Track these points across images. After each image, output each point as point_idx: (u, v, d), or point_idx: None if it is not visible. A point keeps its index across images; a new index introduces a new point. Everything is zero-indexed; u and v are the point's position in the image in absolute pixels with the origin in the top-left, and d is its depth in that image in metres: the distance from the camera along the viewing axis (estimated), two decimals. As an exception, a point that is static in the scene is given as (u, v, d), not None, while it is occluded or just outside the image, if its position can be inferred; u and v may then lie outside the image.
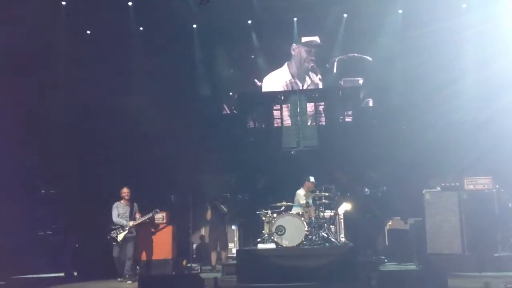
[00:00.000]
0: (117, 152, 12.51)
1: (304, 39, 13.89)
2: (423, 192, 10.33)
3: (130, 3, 12.81)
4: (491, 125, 11.87)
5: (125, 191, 10.00)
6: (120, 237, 9.67)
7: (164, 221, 10.90)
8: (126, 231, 9.72)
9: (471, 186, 10.14)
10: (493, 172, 10.39)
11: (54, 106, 12.34)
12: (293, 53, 13.99)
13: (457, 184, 10.29)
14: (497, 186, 10.08)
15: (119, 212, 9.85)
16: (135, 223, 9.83)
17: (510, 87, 11.55)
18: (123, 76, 12.97)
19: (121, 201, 9.96)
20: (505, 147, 11.10)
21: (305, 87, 13.80)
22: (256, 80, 13.91)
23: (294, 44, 13.92)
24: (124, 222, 9.75)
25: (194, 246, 12.69)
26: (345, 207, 10.75)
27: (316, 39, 13.91)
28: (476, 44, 12.38)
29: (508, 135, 11.36)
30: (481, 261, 9.50)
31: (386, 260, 11.05)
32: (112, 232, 9.71)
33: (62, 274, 10.73)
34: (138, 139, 12.98)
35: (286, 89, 13.75)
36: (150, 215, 10.06)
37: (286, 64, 14.05)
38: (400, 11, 13.10)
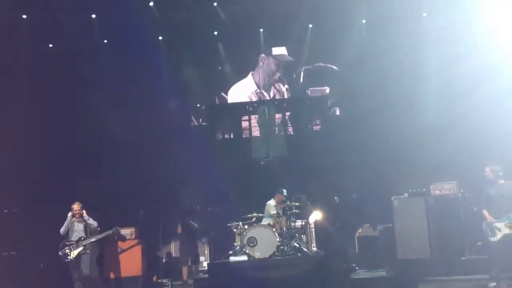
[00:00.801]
0: (83, 167, 12.23)
1: (275, 52, 13.92)
2: (392, 199, 10.47)
3: (93, 16, 12.61)
4: (456, 129, 12.10)
5: (74, 207, 9.50)
6: (73, 254, 9.20)
7: (133, 236, 10.72)
8: (81, 248, 9.27)
9: (437, 192, 10.38)
10: (459, 176, 10.64)
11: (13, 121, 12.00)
12: (261, 63, 14.02)
13: (424, 190, 10.50)
14: (462, 191, 10.32)
15: (70, 228, 9.40)
16: (89, 241, 9.38)
17: (473, 90, 11.78)
18: (88, 89, 12.74)
19: (74, 218, 9.48)
20: (469, 151, 11.35)
21: (271, 97, 13.86)
22: (223, 94, 13.88)
23: (263, 55, 13.96)
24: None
25: (164, 261, 12.49)
26: (316, 216, 10.78)
27: (285, 52, 13.97)
28: (439, 48, 12.66)
29: (472, 139, 11.62)
30: (449, 265, 9.69)
31: (357, 268, 11.09)
32: (65, 248, 9.26)
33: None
34: (104, 153, 12.75)
35: (252, 99, 13.77)
36: (108, 232, 9.62)
37: (250, 74, 14.06)
38: (364, 21, 13.32)
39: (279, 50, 13.94)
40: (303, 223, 10.14)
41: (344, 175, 12.46)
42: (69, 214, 9.42)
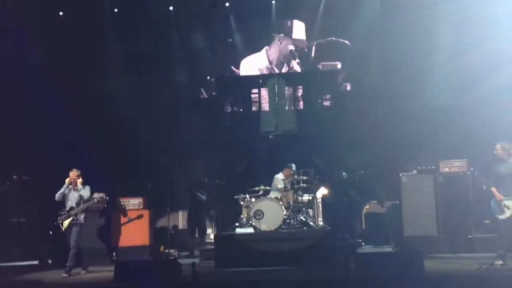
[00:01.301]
0: (93, 137, 12.28)
1: (295, 35, 13.67)
2: (400, 175, 10.42)
3: (104, -15, 12.53)
4: (468, 112, 12.00)
5: (70, 174, 9.10)
6: (65, 224, 8.94)
7: (141, 206, 10.80)
8: (72, 218, 8.95)
9: (447, 169, 10.29)
10: (469, 156, 10.53)
11: (27, 90, 12.02)
12: (278, 42, 13.82)
13: (433, 167, 10.42)
14: (471, 169, 10.22)
15: (66, 196, 9.08)
16: (79, 209, 9.00)
17: (487, 74, 11.65)
18: (98, 60, 12.70)
19: (71, 186, 9.11)
20: (480, 132, 11.21)
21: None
22: (233, 68, 13.76)
23: (282, 34, 13.77)
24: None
25: (172, 231, 12.61)
26: (323, 191, 10.77)
27: (304, 35, 13.74)
28: (455, 32, 12.42)
29: (483, 121, 11.49)
30: (455, 243, 9.67)
31: (363, 243, 11.15)
32: (58, 218, 9.04)
33: (36, 262, 10.52)
34: (114, 124, 12.78)
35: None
36: (93, 201, 9.17)
37: (265, 49, 13.90)
38: (378, -4, 13.08)
39: (299, 34, 13.71)
40: (310, 197, 10.14)
41: (353, 151, 12.39)
42: (66, 180, 9.09)
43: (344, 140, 12.44)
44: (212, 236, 11.50)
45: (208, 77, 13.62)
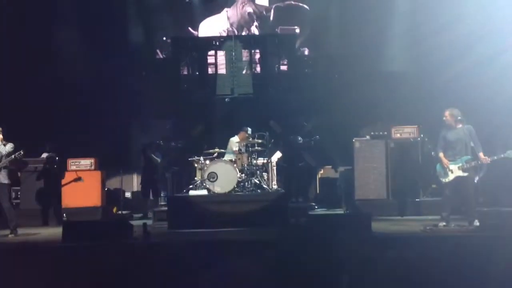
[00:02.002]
0: (46, 97, 11.88)
1: (259, 1, 13.46)
2: (353, 140, 10.59)
3: None
4: (423, 78, 12.21)
5: None
6: None
7: (93, 167, 10.60)
8: None
9: (398, 135, 10.51)
10: (421, 121, 10.78)
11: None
12: (240, 5, 13.55)
13: (385, 133, 10.63)
14: (421, 135, 10.49)
15: None
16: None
17: (445, 40, 11.80)
18: (46, 20, 12.16)
19: None
20: (432, 98, 11.46)
21: (243, 35, 13.55)
22: (190, 29, 13.46)
23: None
24: None
25: (127, 194, 12.50)
26: (278, 155, 10.85)
27: (267, 2, 13.52)
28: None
29: (436, 86, 11.73)
30: (403, 206, 9.98)
31: (316, 207, 11.36)
32: None
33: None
34: (67, 84, 12.37)
35: (222, 36, 13.43)
36: (11, 157, 8.45)
37: (225, 10, 13.63)
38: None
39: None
40: (265, 161, 10.20)
41: (308, 116, 12.49)
42: None
43: (300, 104, 12.49)
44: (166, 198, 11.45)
45: (164, 38, 13.31)
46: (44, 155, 10.58)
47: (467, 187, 8.00)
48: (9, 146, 8.49)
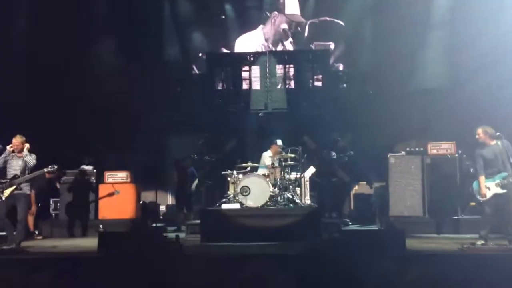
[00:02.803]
0: (85, 112, 12.24)
1: (288, 10, 13.60)
2: (388, 156, 10.44)
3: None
4: (458, 93, 12.01)
5: (14, 141, 8.29)
6: (6, 193, 8.16)
7: (129, 180, 10.80)
8: (14, 187, 8.18)
9: (435, 151, 10.31)
10: (458, 138, 10.56)
11: (10, 64, 11.86)
12: (272, 20, 13.74)
13: (421, 149, 10.45)
14: (459, 152, 10.26)
15: (8, 164, 8.28)
16: (25, 179, 8.27)
17: (478, 55, 11.61)
18: (87, 34, 12.57)
19: (14, 154, 8.35)
20: (469, 115, 11.23)
21: (276, 51, 13.66)
22: (224, 49, 13.68)
23: (276, 12, 13.67)
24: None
25: (162, 207, 12.67)
26: (311, 170, 10.81)
27: (297, 11, 13.65)
28: (449, 15, 12.38)
29: (473, 103, 11.49)
30: (440, 224, 9.73)
31: (350, 223, 11.21)
32: None
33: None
34: (106, 99, 12.70)
35: (259, 52, 13.58)
36: (42, 171, 8.49)
37: (260, 27, 13.80)
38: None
39: (292, 9, 13.60)
40: (298, 175, 10.17)
41: (342, 131, 12.42)
42: (8, 147, 8.32)
43: (334, 120, 12.44)
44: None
45: (200, 54, 13.54)
46: (83, 167, 10.87)
47: (506, 204, 7.75)
48: (34, 158, 8.41)
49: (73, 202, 10.51)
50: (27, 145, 8.37)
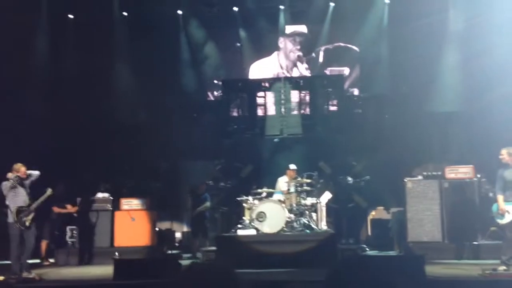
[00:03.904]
0: (98, 140, 12.37)
1: (288, 30, 13.79)
2: (405, 180, 10.33)
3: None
4: (476, 118, 11.91)
5: (22, 170, 8.26)
6: (28, 220, 8.17)
7: (145, 207, 10.82)
8: (33, 214, 8.21)
9: (453, 175, 10.16)
10: (477, 163, 10.41)
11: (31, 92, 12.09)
12: (281, 46, 13.91)
13: (439, 173, 10.31)
14: (478, 176, 10.10)
15: (16, 192, 8.23)
16: (37, 204, 8.31)
17: (496, 81, 11.56)
18: (105, 62, 12.82)
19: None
20: (488, 138, 11.10)
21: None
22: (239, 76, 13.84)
23: (281, 38, 13.84)
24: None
25: (177, 234, 12.63)
26: (328, 195, 10.72)
27: (301, 28, 13.83)
28: (464, 38, 12.38)
29: (491, 128, 11.36)
30: (460, 249, 9.53)
31: (367, 249, 11.03)
32: (21, 215, 8.13)
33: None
34: (121, 125, 12.85)
35: (274, 78, 13.68)
36: (47, 194, 8.51)
37: (275, 53, 13.96)
38: (387, 1, 13.06)
39: (293, 28, 13.77)
40: (314, 201, 10.09)
41: (359, 156, 12.35)
42: (10, 175, 8.24)
43: (350, 145, 12.39)
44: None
45: (215, 81, 13.69)
46: (99, 194, 10.93)
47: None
48: (35, 175, 8.46)
49: (84, 230, 10.52)
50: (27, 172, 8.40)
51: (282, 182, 10.47)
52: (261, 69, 13.83)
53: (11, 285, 7.46)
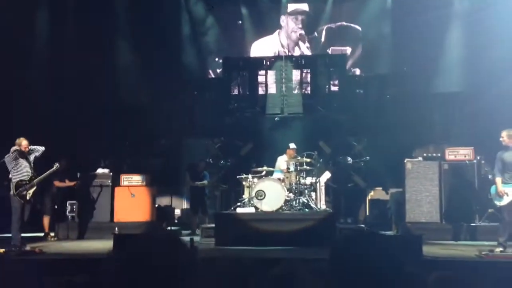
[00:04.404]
0: (99, 116, 12.34)
1: (290, 8, 13.64)
2: (405, 161, 10.34)
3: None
4: (477, 97, 11.85)
5: (24, 144, 8.29)
6: (29, 193, 8.28)
7: (144, 183, 10.85)
8: (35, 187, 8.34)
9: (452, 157, 10.16)
10: (476, 144, 10.41)
11: (33, 70, 12.02)
12: (282, 24, 13.78)
13: (439, 154, 10.32)
14: (478, 157, 10.10)
15: (18, 166, 8.30)
16: (40, 179, 8.48)
17: (499, 63, 11.45)
18: (106, 39, 12.70)
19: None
20: (489, 120, 11.07)
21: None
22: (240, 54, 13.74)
23: (283, 16, 13.71)
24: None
25: (177, 211, 12.70)
26: (327, 175, 10.74)
27: (303, 6, 13.68)
28: (468, 18, 12.26)
29: (493, 109, 11.32)
30: (458, 230, 9.59)
31: (365, 228, 11.09)
32: (21, 189, 8.22)
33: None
34: (122, 103, 12.81)
35: (274, 57, 13.59)
36: (53, 169, 8.76)
37: (277, 32, 13.84)
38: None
39: (295, 6, 13.63)
40: (314, 180, 10.11)
41: (359, 136, 12.34)
42: (13, 149, 8.30)
43: (350, 125, 12.37)
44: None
45: (216, 59, 13.61)
46: (100, 170, 10.96)
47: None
48: (40, 149, 8.57)
49: (84, 205, 10.59)
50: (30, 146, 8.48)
51: (282, 161, 10.48)
52: (262, 47, 13.74)
53: (11, 258, 7.53)
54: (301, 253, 7.86)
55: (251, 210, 9.39)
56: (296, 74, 12.75)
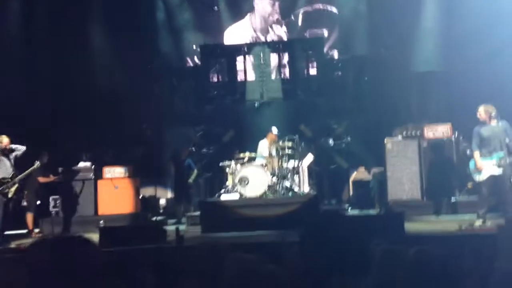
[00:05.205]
0: (78, 107, 12.21)
1: None
2: (384, 141, 10.47)
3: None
4: (455, 76, 12.01)
5: (5, 141, 8.30)
6: (11, 192, 8.29)
7: (127, 175, 10.83)
8: (17, 185, 8.32)
9: (431, 134, 10.33)
10: (454, 120, 10.57)
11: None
12: (255, 6, 13.69)
13: (418, 132, 10.47)
14: (456, 134, 10.29)
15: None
16: (22, 176, 8.48)
17: (475, 41, 11.58)
18: (81, 27, 12.50)
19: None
20: (466, 97, 11.24)
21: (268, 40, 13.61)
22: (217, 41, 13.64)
23: None
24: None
25: (161, 201, 12.71)
26: (309, 158, 10.84)
27: None
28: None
29: (469, 86, 11.49)
30: (438, 206, 9.79)
31: (350, 208, 11.26)
32: (3, 187, 8.23)
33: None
34: (99, 93, 12.66)
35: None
36: (34, 168, 8.78)
37: (248, 15, 13.72)
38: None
39: None
40: (296, 164, 10.21)
41: (339, 118, 12.44)
42: None
43: (330, 107, 12.46)
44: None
45: (194, 46, 13.52)
46: (81, 164, 10.89)
47: (502, 184, 7.80)
48: (21, 146, 8.53)
49: (67, 199, 10.53)
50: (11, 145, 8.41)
51: (263, 145, 10.53)
52: (234, 34, 13.64)
53: None
54: (286, 236, 7.95)
55: (236, 196, 9.47)
56: (274, 59, 12.75)
